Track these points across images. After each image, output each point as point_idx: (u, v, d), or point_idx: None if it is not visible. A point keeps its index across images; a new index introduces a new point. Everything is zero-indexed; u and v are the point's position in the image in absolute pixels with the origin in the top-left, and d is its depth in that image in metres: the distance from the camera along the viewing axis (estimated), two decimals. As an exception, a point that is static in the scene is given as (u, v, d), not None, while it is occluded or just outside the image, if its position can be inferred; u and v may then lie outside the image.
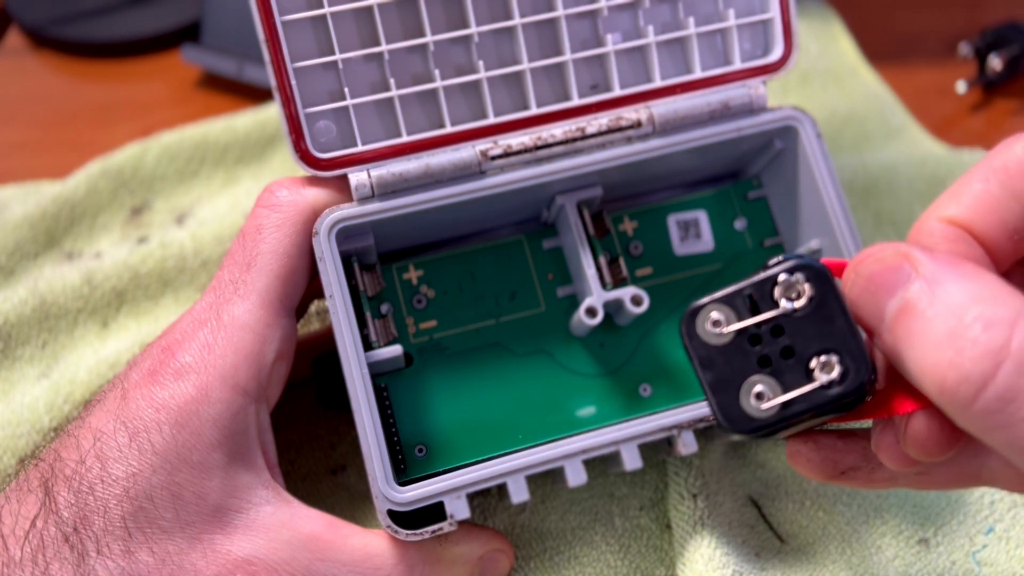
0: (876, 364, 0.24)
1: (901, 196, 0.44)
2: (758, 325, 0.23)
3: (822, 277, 0.23)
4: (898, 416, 0.23)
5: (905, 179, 0.45)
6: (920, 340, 0.20)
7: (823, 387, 0.22)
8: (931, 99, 0.53)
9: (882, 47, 0.55)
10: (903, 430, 0.23)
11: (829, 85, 0.53)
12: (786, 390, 0.22)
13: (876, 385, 0.23)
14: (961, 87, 0.52)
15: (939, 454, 0.23)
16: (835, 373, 0.22)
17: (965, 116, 0.52)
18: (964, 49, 0.52)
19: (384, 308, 0.32)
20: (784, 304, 0.23)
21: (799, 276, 0.23)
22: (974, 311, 0.20)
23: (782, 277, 0.23)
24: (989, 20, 0.54)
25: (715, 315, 0.23)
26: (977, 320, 0.20)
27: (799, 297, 0.23)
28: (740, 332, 0.23)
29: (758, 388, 0.23)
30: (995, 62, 0.50)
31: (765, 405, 0.23)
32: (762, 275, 0.23)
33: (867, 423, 0.25)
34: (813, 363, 0.23)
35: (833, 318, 0.22)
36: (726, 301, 0.23)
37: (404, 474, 0.31)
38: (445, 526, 0.28)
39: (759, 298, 0.23)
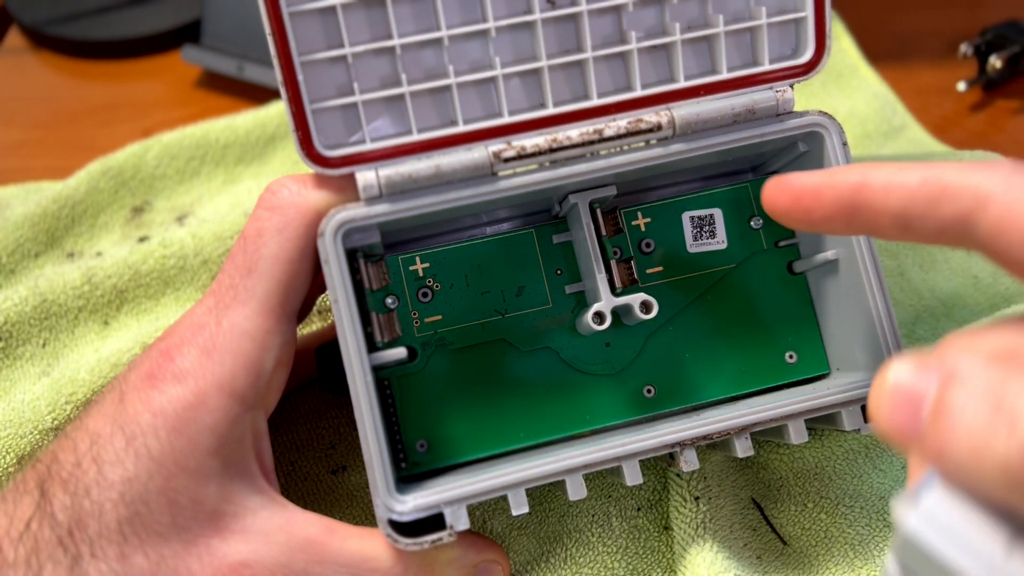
0: None
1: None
2: None
3: None
4: None
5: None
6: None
7: None
8: (931, 98, 0.53)
9: (882, 46, 0.55)
10: None
11: (829, 85, 0.53)
12: None
13: None
14: (961, 86, 0.52)
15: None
16: None
17: (965, 116, 0.52)
18: (964, 48, 0.52)
19: (389, 301, 0.32)
20: None
21: None
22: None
23: None
24: (989, 19, 0.54)
25: None
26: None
27: None
28: None
29: None
30: (995, 61, 0.51)
31: None
32: None
33: None
34: None
35: None
36: None
37: (404, 469, 0.31)
38: (444, 536, 0.28)
39: None
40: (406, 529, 0.28)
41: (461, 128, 0.29)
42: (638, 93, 0.30)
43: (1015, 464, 0.19)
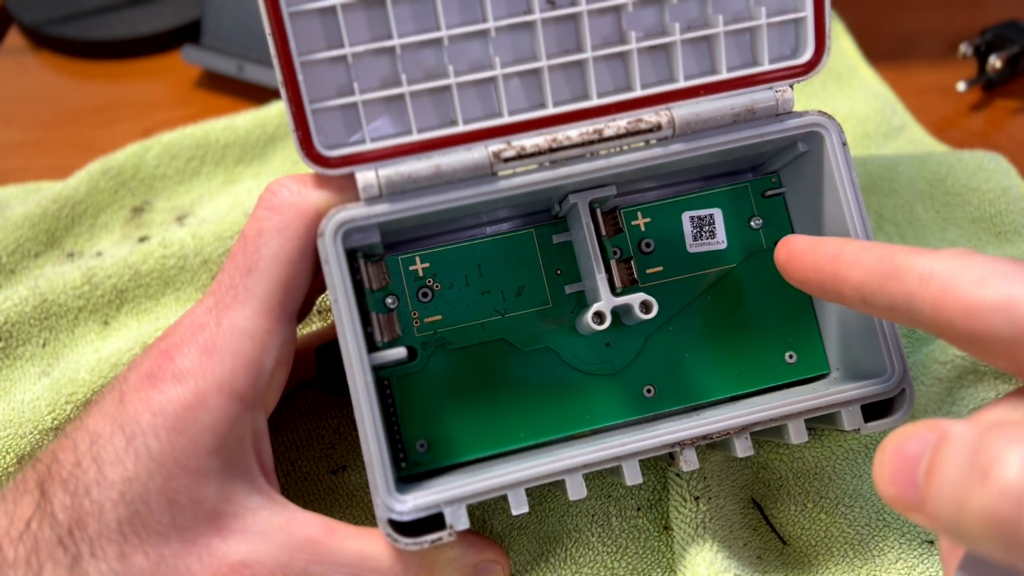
0: None
1: (902, 195, 0.44)
2: None
3: None
4: None
5: (906, 178, 0.45)
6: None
7: None
8: (931, 98, 0.53)
9: (882, 46, 0.55)
10: None
11: (829, 85, 0.53)
12: None
13: None
14: (961, 86, 0.52)
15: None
16: None
17: (965, 115, 0.52)
18: (964, 48, 0.52)
19: (389, 300, 0.32)
20: None
21: None
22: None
23: None
24: (989, 19, 0.54)
25: None
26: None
27: None
28: None
29: None
30: (995, 61, 0.51)
31: None
32: None
33: None
34: None
35: None
36: None
37: (405, 469, 0.31)
38: (444, 536, 0.28)
39: None
40: (406, 529, 0.28)
41: (461, 128, 0.29)
42: (638, 93, 0.30)
43: (992, 513, 0.19)
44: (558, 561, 0.34)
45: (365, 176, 0.29)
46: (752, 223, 0.34)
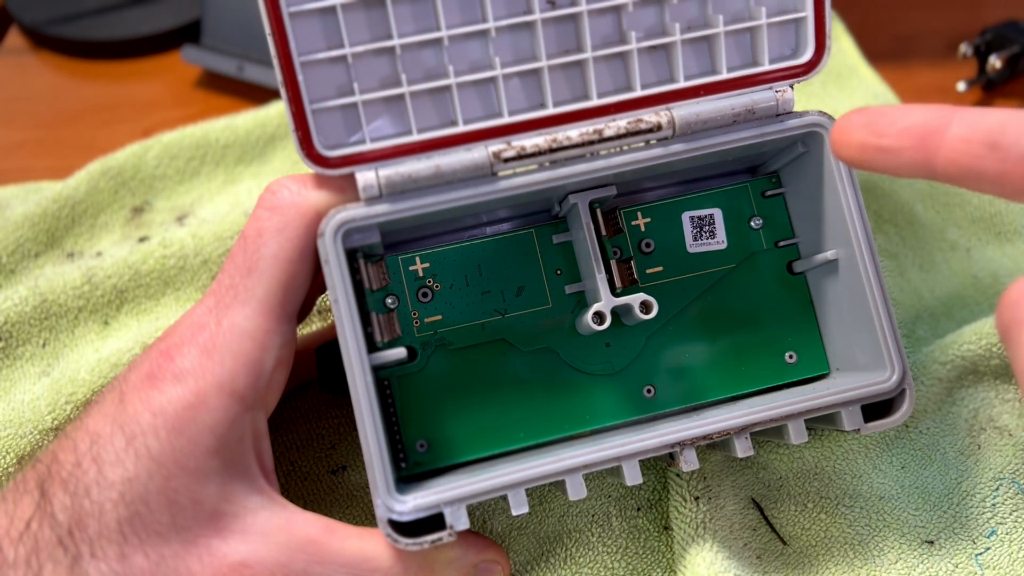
0: None
1: (902, 196, 0.44)
2: None
3: None
4: None
5: (906, 179, 0.45)
6: None
7: None
8: (931, 98, 0.53)
9: (882, 46, 0.55)
10: None
11: (829, 85, 0.53)
12: None
13: None
14: (961, 87, 0.52)
15: None
16: None
17: (966, 116, 0.52)
18: (964, 48, 0.52)
19: (389, 300, 0.32)
20: None
21: None
22: None
23: None
24: (989, 19, 0.54)
25: None
26: None
27: None
28: None
29: None
30: (995, 61, 0.51)
31: None
32: None
33: None
34: None
35: None
36: None
37: (405, 469, 0.31)
38: (444, 536, 0.28)
39: None
40: (406, 529, 0.28)
41: (461, 128, 0.29)
42: (638, 93, 0.30)
43: None
44: (558, 561, 0.34)
45: (365, 176, 0.29)
46: (752, 223, 0.34)
